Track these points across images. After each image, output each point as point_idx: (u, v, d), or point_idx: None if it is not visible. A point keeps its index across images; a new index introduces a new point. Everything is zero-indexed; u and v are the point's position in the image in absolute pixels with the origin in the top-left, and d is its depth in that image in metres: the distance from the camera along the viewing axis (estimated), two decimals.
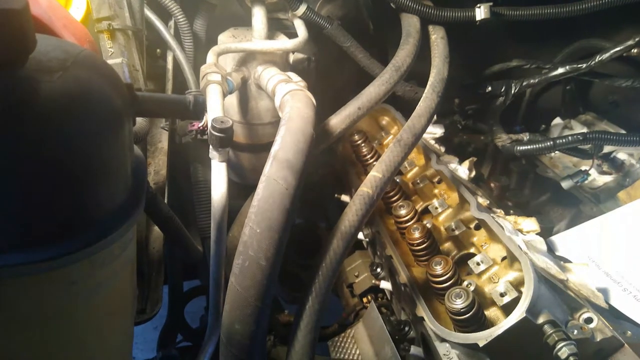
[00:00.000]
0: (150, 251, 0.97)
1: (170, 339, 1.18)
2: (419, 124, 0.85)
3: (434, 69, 0.94)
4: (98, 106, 0.47)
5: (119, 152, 0.51)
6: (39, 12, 0.64)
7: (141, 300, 0.91)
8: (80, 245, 0.46)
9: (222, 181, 0.73)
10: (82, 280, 0.50)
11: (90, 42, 0.73)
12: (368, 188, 0.74)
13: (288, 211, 0.60)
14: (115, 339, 0.62)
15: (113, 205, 0.51)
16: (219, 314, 0.81)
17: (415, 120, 0.85)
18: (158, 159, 1.06)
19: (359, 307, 1.09)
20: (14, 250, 0.43)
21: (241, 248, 0.58)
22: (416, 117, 0.86)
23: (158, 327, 1.18)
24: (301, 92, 0.79)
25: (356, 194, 0.74)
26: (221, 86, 0.80)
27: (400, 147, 0.80)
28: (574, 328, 0.70)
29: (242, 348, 0.57)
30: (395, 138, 0.83)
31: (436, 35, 1.00)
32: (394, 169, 0.78)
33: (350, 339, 1.00)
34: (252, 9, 0.93)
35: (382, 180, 0.76)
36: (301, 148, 0.65)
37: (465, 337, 0.73)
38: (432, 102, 0.88)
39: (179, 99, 0.72)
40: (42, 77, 0.43)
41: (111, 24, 0.83)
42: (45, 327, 0.50)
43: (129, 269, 0.62)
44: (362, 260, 1.16)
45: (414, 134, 0.83)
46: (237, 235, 1.03)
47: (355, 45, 1.03)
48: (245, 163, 1.16)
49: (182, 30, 1.06)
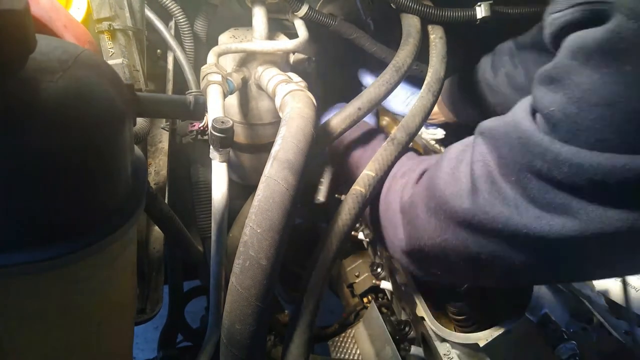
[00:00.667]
0: (151, 251, 0.97)
1: (171, 339, 1.18)
2: (413, 123, 0.85)
3: (431, 68, 0.94)
4: (99, 106, 0.47)
5: (119, 153, 0.51)
6: (39, 13, 0.64)
7: (141, 300, 0.91)
8: (81, 245, 0.46)
9: (223, 181, 0.73)
10: (83, 279, 0.50)
11: (91, 42, 0.73)
12: (361, 187, 0.74)
13: (288, 211, 0.60)
14: (116, 338, 0.62)
15: (114, 205, 0.51)
16: (219, 314, 0.81)
17: (410, 119, 0.85)
18: (158, 159, 1.06)
19: (359, 307, 1.09)
20: (15, 250, 0.43)
21: (242, 248, 0.58)
22: (410, 116, 0.86)
23: (158, 327, 1.18)
24: (302, 92, 0.79)
25: (349, 193, 0.74)
26: (222, 86, 0.80)
27: (393, 146, 0.80)
28: (574, 328, 0.70)
29: (242, 348, 0.57)
30: (389, 137, 0.83)
31: (435, 35, 1.00)
32: (388, 167, 0.78)
33: (350, 339, 1.00)
34: (253, 10, 0.93)
35: (375, 179, 0.76)
36: (301, 148, 0.65)
37: (465, 337, 0.73)
38: (427, 101, 0.88)
39: (180, 99, 0.72)
40: (43, 77, 0.43)
41: (112, 24, 0.83)
42: (46, 327, 0.50)
43: (130, 269, 0.62)
44: (363, 260, 1.16)
45: (408, 133, 0.83)
46: (238, 236, 1.03)
47: (361, 35, 1.04)
48: (246, 163, 1.16)
49: (183, 31, 1.06)
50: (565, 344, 0.65)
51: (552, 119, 0.44)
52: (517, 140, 0.48)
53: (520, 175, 0.47)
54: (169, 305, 1.17)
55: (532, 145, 0.46)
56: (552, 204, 0.45)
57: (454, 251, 0.57)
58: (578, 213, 0.44)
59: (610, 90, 0.40)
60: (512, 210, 0.48)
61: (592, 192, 0.43)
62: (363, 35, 1.05)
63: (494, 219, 0.50)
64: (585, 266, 0.51)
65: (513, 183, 0.48)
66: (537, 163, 0.45)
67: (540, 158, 0.45)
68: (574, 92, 0.42)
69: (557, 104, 0.44)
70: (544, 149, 0.44)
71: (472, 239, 0.54)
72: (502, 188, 0.49)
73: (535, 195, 0.47)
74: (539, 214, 0.47)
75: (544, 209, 0.46)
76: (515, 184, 0.48)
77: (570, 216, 0.45)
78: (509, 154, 0.49)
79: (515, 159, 0.48)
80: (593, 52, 0.41)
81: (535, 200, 0.47)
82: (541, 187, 0.46)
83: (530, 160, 0.46)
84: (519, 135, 0.47)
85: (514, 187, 0.48)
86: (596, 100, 0.40)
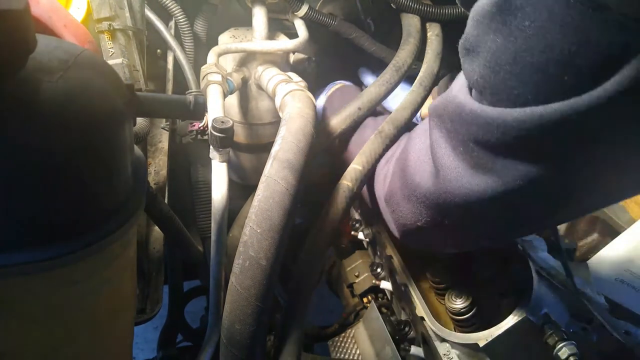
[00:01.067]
0: (151, 251, 0.97)
1: (171, 339, 1.18)
2: (401, 116, 0.85)
3: (425, 64, 0.94)
4: (99, 106, 0.47)
5: (119, 153, 0.51)
6: (39, 12, 0.64)
7: (141, 300, 0.91)
8: (81, 245, 0.46)
9: (223, 181, 0.73)
10: (84, 280, 0.50)
11: (91, 42, 0.73)
12: (348, 181, 0.74)
13: (288, 211, 0.60)
14: (116, 338, 0.62)
15: (114, 205, 0.51)
16: (219, 314, 0.81)
17: (399, 112, 0.85)
18: (158, 159, 1.06)
19: (359, 307, 1.09)
20: (15, 250, 0.43)
21: (241, 248, 0.58)
22: (400, 109, 0.86)
23: (158, 327, 1.18)
24: (302, 92, 0.79)
25: (337, 187, 0.74)
26: (222, 86, 0.80)
27: (381, 139, 0.80)
28: (574, 328, 0.70)
29: (242, 348, 0.57)
30: (377, 130, 0.83)
31: (431, 33, 1.00)
32: (375, 160, 0.78)
33: (350, 339, 1.00)
34: (253, 9, 0.93)
35: (362, 172, 0.76)
36: (301, 148, 0.65)
37: (465, 337, 0.73)
38: (417, 95, 0.89)
39: (180, 99, 0.72)
40: (43, 77, 0.43)
41: (112, 24, 0.83)
42: (46, 327, 0.50)
43: (130, 269, 0.62)
44: (363, 260, 1.16)
45: (395, 126, 0.83)
46: (238, 236, 1.03)
47: (360, 35, 1.04)
48: (246, 163, 1.16)
49: (183, 31, 1.06)
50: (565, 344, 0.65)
51: (478, 87, 0.46)
52: (455, 113, 0.50)
53: (464, 145, 0.50)
54: (169, 305, 1.17)
55: (466, 114, 0.48)
56: (493, 169, 0.48)
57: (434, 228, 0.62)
58: (501, 171, 0.47)
59: (514, 47, 0.41)
60: (464, 181, 0.51)
61: (520, 148, 0.45)
62: (362, 34, 1.05)
63: (454, 194, 0.53)
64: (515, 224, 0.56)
65: (461, 154, 0.51)
66: (473, 130, 0.47)
67: (475, 125, 0.47)
68: (486, 56, 0.44)
69: (476, 72, 0.46)
70: (476, 115, 0.46)
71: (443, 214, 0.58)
72: (454, 162, 0.52)
73: (478, 162, 0.49)
74: (481, 179, 0.50)
75: (486, 174, 0.49)
76: (464, 154, 0.51)
77: (495, 175, 0.48)
78: (452, 126, 0.51)
79: (458, 130, 0.50)
80: (492, 14, 0.42)
81: (479, 166, 0.49)
82: (481, 154, 0.48)
83: (467, 129, 0.48)
84: (455, 107, 0.50)
85: (463, 157, 0.51)
86: (505, 59, 0.42)
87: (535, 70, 0.40)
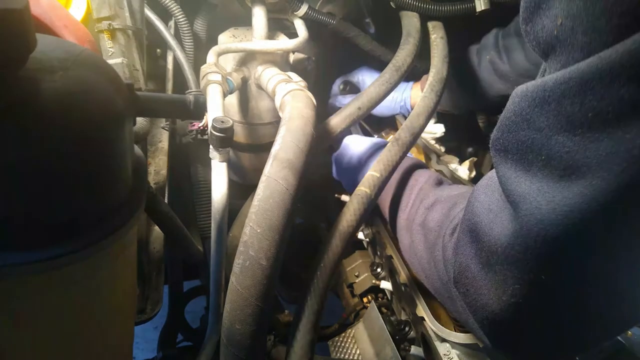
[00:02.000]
0: (151, 251, 0.97)
1: (171, 339, 1.18)
2: (417, 123, 0.85)
3: (433, 68, 0.94)
4: (99, 106, 0.47)
5: (119, 152, 0.51)
6: (39, 12, 0.64)
7: (141, 300, 0.91)
8: (81, 245, 0.46)
9: (223, 181, 0.72)
10: (84, 280, 0.50)
11: (91, 42, 0.73)
12: (366, 187, 0.74)
13: (288, 211, 0.60)
14: (116, 339, 0.62)
15: (114, 205, 0.51)
16: (219, 314, 0.81)
17: (414, 119, 0.85)
18: (158, 158, 1.06)
19: (359, 307, 1.09)
20: (15, 250, 0.43)
21: (242, 248, 0.58)
22: (414, 116, 0.86)
23: (158, 327, 1.18)
24: (301, 92, 0.79)
25: (354, 194, 0.74)
26: (221, 86, 0.80)
27: (398, 147, 0.81)
28: None
29: (242, 348, 0.57)
30: (393, 137, 0.83)
31: (436, 35, 1.00)
32: (392, 168, 0.78)
33: (350, 339, 1.00)
34: (253, 9, 0.93)
35: (380, 179, 0.76)
36: (302, 148, 0.65)
37: (465, 337, 0.73)
38: (430, 101, 0.89)
39: (180, 98, 0.72)
40: (43, 76, 0.43)
41: (111, 23, 0.83)
42: (46, 327, 0.50)
43: (130, 269, 0.62)
44: (362, 260, 1.16)
45: (412, 133, 0.83)
46: (238, 235, 1.03)
47: (359, 34, 1.05)
48: (246, 163, 1.16)
49: (182, 30, 1.06)
50: None
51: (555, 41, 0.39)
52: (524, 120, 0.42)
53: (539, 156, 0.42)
54: (169, 305, 1.17)
55: (545, 99, 0.40)
56: (588, 163, 0.38)
57: (529, 298, 0.48)
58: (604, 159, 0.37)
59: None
60: (555, 202, 0.41)
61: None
62: (361, 33, 1.05)
63: (544, 226, 0.42)
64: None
65: (540, 170, 0.43)
66: (551, 117, 0.40)
67: (554, 103, 0.39)
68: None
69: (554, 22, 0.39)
70: (552, 89, 0.39)
71: (536, 269, 0.45)
72: (533, 184, 0.43)
73: (567, 165, 0.40)
74: (575, 187, 0.40)
75: (580, 179, 0.39)
76: (543, 168, 0.42)
77: (590, 173, 0.39)
78: (522, 142, 0.43)
79: (529, 138, 0.42)
80: None
81: (568, 169, 0.40)
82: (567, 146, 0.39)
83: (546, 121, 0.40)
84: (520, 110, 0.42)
85: (543, 174, 0.42)
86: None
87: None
